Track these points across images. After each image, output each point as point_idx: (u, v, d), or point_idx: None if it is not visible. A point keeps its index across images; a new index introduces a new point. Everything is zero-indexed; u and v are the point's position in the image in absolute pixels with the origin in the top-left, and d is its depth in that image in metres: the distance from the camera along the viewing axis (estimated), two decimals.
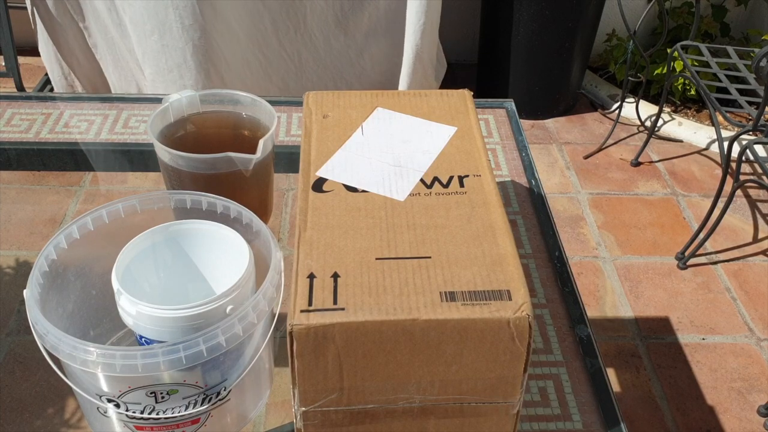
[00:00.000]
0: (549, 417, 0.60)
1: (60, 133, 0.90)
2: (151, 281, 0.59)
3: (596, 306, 1.64)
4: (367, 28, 1.99)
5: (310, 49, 2.00)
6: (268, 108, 0.71)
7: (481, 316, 0.45)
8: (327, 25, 1.97)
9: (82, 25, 1.89)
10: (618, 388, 1.48)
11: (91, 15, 1.86)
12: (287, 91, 2.08)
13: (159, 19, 1.72)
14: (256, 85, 2.00)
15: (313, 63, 2.04)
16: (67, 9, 1.85)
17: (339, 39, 2.00)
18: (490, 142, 0.90)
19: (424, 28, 1.91)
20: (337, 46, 2.01)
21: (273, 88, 2.05)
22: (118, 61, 1.95)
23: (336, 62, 2.05)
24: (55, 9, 1.84)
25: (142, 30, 1.75)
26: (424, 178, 0.56)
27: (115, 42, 1.90)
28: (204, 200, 0.60)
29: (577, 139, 2.21)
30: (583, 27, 2.13)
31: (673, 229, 1.88)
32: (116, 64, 1.96)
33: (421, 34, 1.92)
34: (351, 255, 0.49)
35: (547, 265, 0.74)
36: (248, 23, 1.87)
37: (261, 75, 1.99)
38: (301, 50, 2.00)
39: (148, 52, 1.78)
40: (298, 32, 1.96)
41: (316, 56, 2.03)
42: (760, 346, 1.57)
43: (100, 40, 1.91)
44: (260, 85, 2.01)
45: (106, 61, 1.97)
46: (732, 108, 1.81)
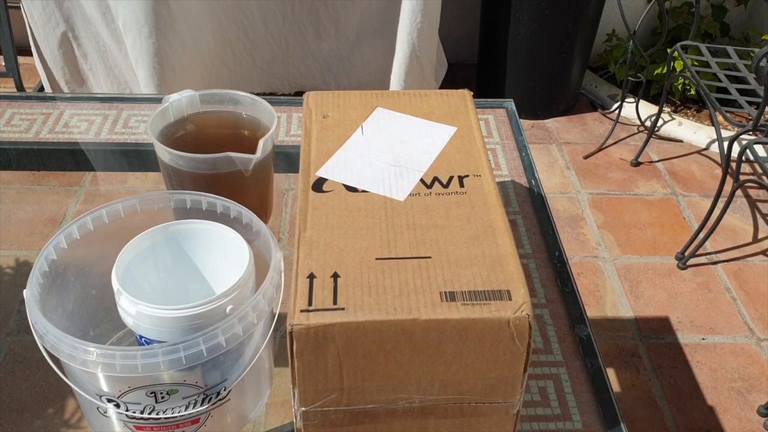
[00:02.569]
0: (549, 417, 0.60)
1: (60, 133, 0.90)
2: (151, 281, 0.59)
3: (596, 306, 1.64)
4: (358, 24, 1.99)
5: (298, 37, 2.01)
6: (268, 108, 0.71)
7: (481, 316, 0.45)
8: (317, 16, 1.97)
9: (71, 35, 1.88)
10: (618, 388, 1.48)
11: (81, 21, 1.85)
12: (272, 75, 2.08)
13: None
14: (238, 67, 2.01)
15: (301, 52, 2.04)
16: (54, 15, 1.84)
17: (330, 32, 2.00)
18: (490, 142, 0.90)
19: (421, 27, 1.91)
20: (327, 39, 2.02)
21: (257, 71, 2.05)
22: (111, 68, 1.95)
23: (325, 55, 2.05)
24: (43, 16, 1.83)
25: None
26: (424, 178, 0.56)
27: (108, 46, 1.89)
28: (204, 200, 0.60)
29: (577, 139, 2.21)
30: (583, 27, 2.13)
31: (673, 229, 1.88)
32: (108, 72, 1.96)
33: (419, 34, 1.92)
34: (351, 255, 0.49)
35: (547, 265, 0.74)
36: (232, 5, 1.89)
37: (244, 57, 2.00)
38: (289, 38, 2.01)
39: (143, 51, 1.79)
40: (285, 19, 1.96)
41: (305, 46, 2.03)
42: (760, 346, 1.57)
43: (90, 48, 1.91)
44: (243, 66, 2.02)
45: (97, 71, 1.96)
46: (732, 108, 1.81)
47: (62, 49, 1.90)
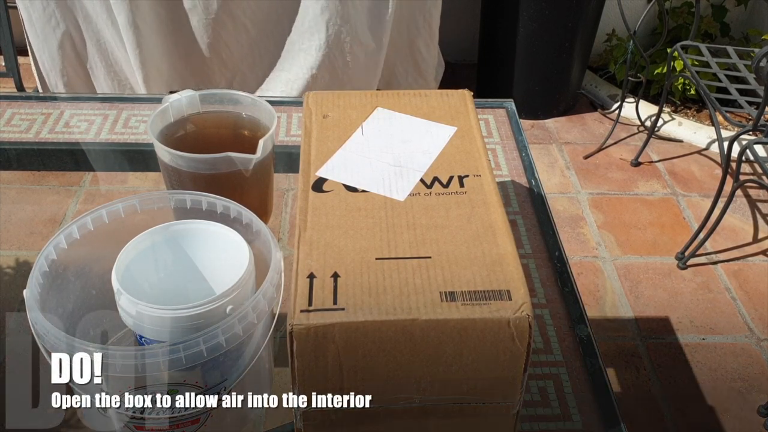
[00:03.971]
0: (549, 417, 0.60)
1: (60, 133, 0.90)
2: (151, 281, 0.59)
3: (596, 306, 1.64)
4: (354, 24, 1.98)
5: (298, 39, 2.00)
6: (268, 108, 0.71)
7: (481, 316, 0.45)
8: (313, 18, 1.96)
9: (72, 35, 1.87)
10: (618, 388, 1.47)
11: (82, 20, 1.85)
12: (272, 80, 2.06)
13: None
14: (262, 75, 1.99)
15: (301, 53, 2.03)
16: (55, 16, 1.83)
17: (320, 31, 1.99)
18: (490, 142, 0.90)
19: (421, 27, 1.91)
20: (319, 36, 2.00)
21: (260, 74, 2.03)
22: (111, 66, 1.95)
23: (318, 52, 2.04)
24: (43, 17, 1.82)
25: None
26: (424, 178, 0.56)
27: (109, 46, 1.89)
28: (204, 200, 0.60)
29: (577, 139, 2.21)
30: (583, 27, 2.13)
31: (673, 229, 1.88)
32: (108, 70, 1.95)
33: (419, 34, 1.92)
34: (351, 255, 0.49)
35: (547, 265, 0.74)
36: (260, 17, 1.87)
37: (267, 65, 1.98)
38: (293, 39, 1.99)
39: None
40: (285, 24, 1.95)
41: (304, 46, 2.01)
42: (760, 346, 1.57)
43: (91, 48, 1.90)
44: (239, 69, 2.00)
45: (98, 70, 1.96)
46: (732, 108, 1.81)
47: (62, 49, 1.90)
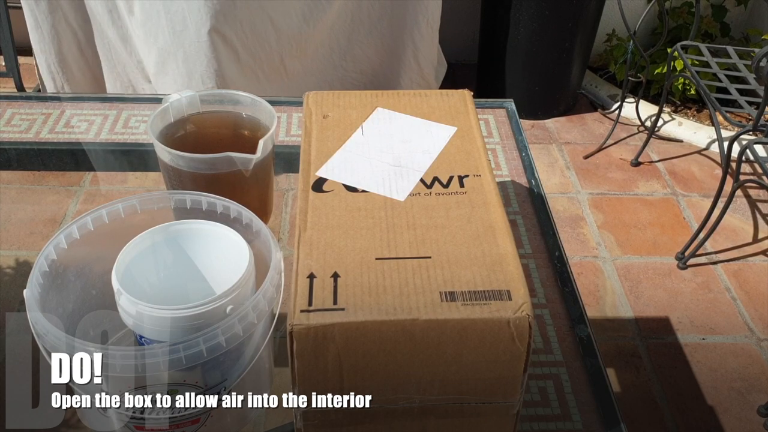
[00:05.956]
0: (549, 417, 0.60)
1: (60, 133, 0.90)
2: (151, 281, 0.59)
3: (596, 306, 1.64)
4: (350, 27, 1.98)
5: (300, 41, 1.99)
6: (268, 108, 0.71)
7: (481, 316, 0.45)
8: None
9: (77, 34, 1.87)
10: (618, 388, 1.47)
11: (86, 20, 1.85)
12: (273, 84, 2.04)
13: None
14: (268, 88, 1.98)
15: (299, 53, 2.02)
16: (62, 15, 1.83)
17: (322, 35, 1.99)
18: (490, 142, 0.90)
19: (421, 27, 1.91)
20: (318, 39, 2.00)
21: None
22: (114, 66, 1.94)
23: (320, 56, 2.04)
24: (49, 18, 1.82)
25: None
26: (424, 178, 0.56)
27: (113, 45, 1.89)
28: (204, 200, 0.60)
29: (577, 139, 2.21)
30: (583, 27, 2.13)
31: (673, 229, 1.88)
32: (112, 70, 1.95)
33: (418, 34, 1.92)
34: (351, 255, 0.49)
35: (547, 265, 0.74)
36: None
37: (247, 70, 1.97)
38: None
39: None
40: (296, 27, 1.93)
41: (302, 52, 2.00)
42: (760, 346, 1.57)
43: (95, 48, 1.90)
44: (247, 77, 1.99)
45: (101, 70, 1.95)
46: (732, 108, 1.81)
47: (65, 49, 1.90)
